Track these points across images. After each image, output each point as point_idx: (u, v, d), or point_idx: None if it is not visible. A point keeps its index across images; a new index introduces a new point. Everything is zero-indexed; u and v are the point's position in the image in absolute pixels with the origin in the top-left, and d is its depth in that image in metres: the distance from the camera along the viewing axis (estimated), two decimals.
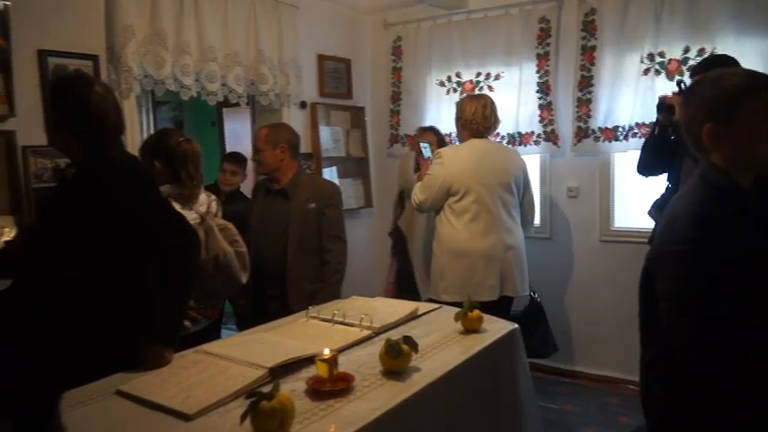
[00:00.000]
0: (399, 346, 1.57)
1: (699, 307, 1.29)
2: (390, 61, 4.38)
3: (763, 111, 1.35)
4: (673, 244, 1.34)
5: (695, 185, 1.43)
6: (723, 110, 1.36)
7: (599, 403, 3.48)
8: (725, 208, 1.34)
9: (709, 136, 1.38)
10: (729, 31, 3.16)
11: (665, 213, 1.47)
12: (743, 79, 1.39)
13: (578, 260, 3.87)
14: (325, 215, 2.75)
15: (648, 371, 1.51)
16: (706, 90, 1.41)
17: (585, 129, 3.65)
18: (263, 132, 2.78)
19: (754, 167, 1.40)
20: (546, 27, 3.74)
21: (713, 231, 1.30)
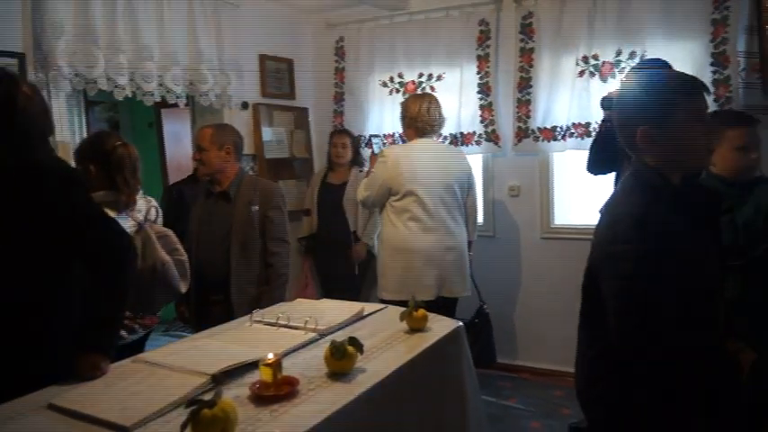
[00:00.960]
0: (344, 347, 1.56)
1: (644, 305, 1.33)
2: (333, 62, 4.36)
3: (694, 114, 1.41)
4: (616, 244, 1.38)
5: (631, 186, 1.47)
6: (657, 112, 1.40)
7: (543, 396, 3.57)
8: (661, 207, 1.39)
9: (643, 138, 1.43)
10: (658, 35, 3.31)
11: (605, 213, 1.52)
12: (677, 82, 1.44)
13: (521, 257, 3.96)
14: (269, 218, 2.70)
15: (592, 367, 1.55)
16: (641, 92, 1.44)
17: (525, 129, 3.75)
18: (208, 132, 2.70)
19: (683, 168, 1.47)
20: (485, 29, 3.81)
21: (654, 231, 1.35)
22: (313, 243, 4.00)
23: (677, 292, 1.33)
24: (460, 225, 3.16)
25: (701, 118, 1.42)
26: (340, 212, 3.81)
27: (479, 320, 3.54)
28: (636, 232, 1.35)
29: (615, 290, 1.39)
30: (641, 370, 1.37)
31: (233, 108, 3.70)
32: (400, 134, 3.91)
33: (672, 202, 1.42)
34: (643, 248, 1.34)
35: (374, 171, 3.14)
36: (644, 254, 1.34)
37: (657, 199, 1.40)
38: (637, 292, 1.34)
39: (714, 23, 3.18)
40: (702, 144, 1.44)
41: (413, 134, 3.15)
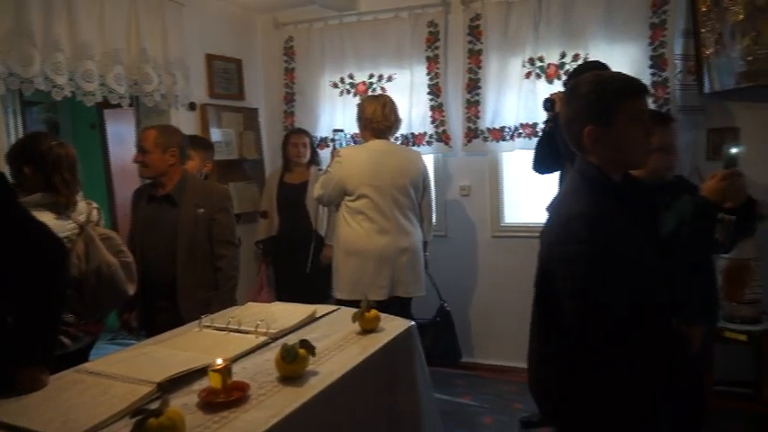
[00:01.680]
0: (295, 350, 1.55)
1: (600, 303, 1.37)
2: (283, 62, 4.32)
3: (636, 115, 1.46)
4: (569, 244, 1.41)
5: (577, 184, 1.51)
6: (603, 112, 1.45)
7: (495, 392, 3.62)
8: (607, 205, 1.44)
9: (589, 137, 1.47)
10: (601, 39, 3.41)
11: (553, 213, 1.55)
12: (620, 84, 1.49)
13: (473, 256, 4.02)
14: (216, 220, 2.64)
15: (545, 362, 1.58)
16: (587, 92, 1.48)
17: (475, 129, 3.80)
18: (153, 134, 2.61)
19: (625, 166, 1.52)
20: (434, 31, 3.85)
21: (604, 229, 1.39)
22: (272, 246, 3.94)
23: (628, 288, 1.38)
24: (415, 226, 3.18)
25: (641, 118, 1.47)
26: (302, 212, 3.79)
27: (441, 319, 3.57)
28: (588, 232, 1.39)
29: (569, 289, 1.42)
30: (600, 366, 1.41)
31: (180, 109, 3.61)
32: (352, 135, 3.92)
33: (615, 199, 1.46)
34: (595, 248, 1.37)
35: (330, 170, 3.15)
36: (595, 253, 1.37)
37: (603, 197, 1.45)
38: (591, 291, 1.38)
39: (652, 27, 3.31)
40: (643, 144, 1.49)
41: (369, 135, 3.16)
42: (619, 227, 1.43)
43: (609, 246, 1.38)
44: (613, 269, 1.38)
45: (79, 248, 2.19)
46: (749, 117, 3.19)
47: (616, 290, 1.38)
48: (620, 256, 1.39)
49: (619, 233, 1.41)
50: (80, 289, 2.18)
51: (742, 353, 3.23)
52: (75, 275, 2.16)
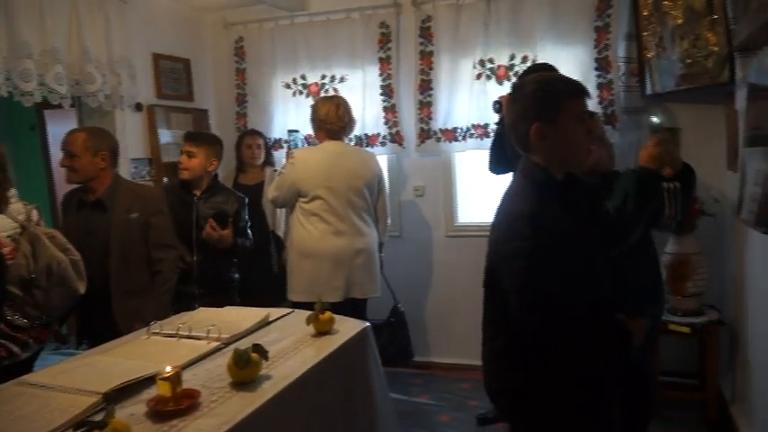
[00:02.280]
0: (248, 355, 1.52)
1: (544, 297, 1.42)
2: (233, 62, 4.25)
3: (579, 115, 1.52)
4: (514, 242, 1.45)
5: (521, 184, 1.56)
6: (549, 110, 1.50)
7: (451, 390, 3.65)
8: (551, 203, 1.48)
9: (536, 134, 1.51)
10: (548, 41, 3.49)
11: (499, 212, 1.59)
12: (565, 84, 1.55)
13: (427, 256, 4.04)
14: (151, 224, 2.56)
15: (498, 360, 1.61)
16: (533, 92, 1.53)
17: (428, 130, 3.83)
18: (81, 137, 2.51)
19: (567, 165, 1.57)
20: (386, 32, 3.86)
21: (548, 227, 1.43)
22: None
23: (572, 283, 1.43)
24: (371, 227, 3.18)
25: (583, 119, 1.53)
26: (257, 213, 3.73)
27: (395, 320, 3.58)
28: (531, 230, 1.43)
29: (515, 286, 1.46)
30: (547, 361, 1.46)
31: (125, 109, 3.50)
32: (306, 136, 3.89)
33: (558, 197, 1.51)
34: (538, 245, 1.42)
35: (284, 172, 3.12)
36: (539, 250, 1.42)
37: (547, 196, 1.49)
38: (535, 287, 1.42)
39: (597, 30, 3.40)
40: (584, 143, 1.55)
41: (323, 136, 3.14)
42: (562, 224, 1.47)
43: (552, 242, 1.42)
44: (557, 265, 1.42)
45: (25, 248, 2.10)
46: (690, 117, 3.31)
47: (560, 285, 1.42)
48: (564, 252, 1.43)
49: (562, 230, 1.46)
50: (30, 290, 2.09)
51: (686, 344, 3.36)
52: (25, 276, 2.07)
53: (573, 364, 1.47)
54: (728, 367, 3.21)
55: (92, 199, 2.54)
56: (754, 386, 2.68)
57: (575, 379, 1.49)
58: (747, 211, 2.32)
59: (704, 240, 3.18)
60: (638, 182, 1.71)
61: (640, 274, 2.09)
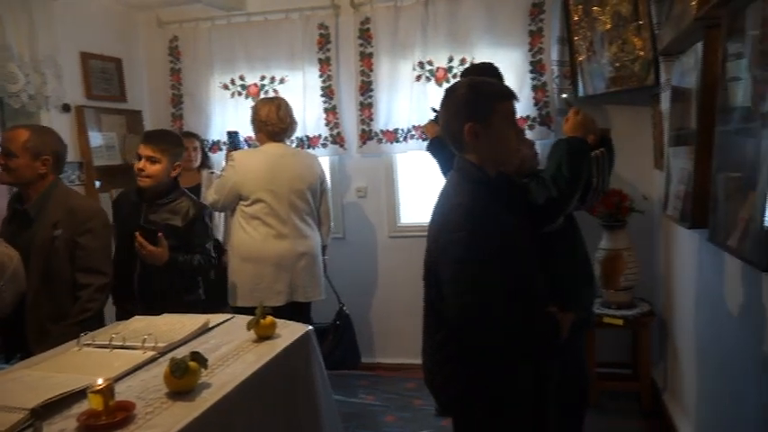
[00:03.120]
0: (185, 363, 1.48)
1: (477, 284, 1.49)
2: (168, 62, 4.13)
3: (508, 117, 1.63)
4: (451, 233, 1.53)
5: (456, 180, 1.64)
6: (481, 111, 1.58)
7: (397, 390, 3.67)
8: (484, 197, 1.57)
9: (470, 133, 1.58)
10: (485, 44, 3.56)
11: (436, 209, 1.66)
12: (495, 88, 1.66)
13: (371, 257, 4.05)
14: (78, 244, 2.26)
15: (438, 352, 1.65)
16: (465, 93, 1.62)
17: (369, 131, 3.83)
18: (23, 136, 2.25)
19: (498, 164, 1.67)
20: (325, 33, 3.84)
21: (482, 218, 1.53)
22: None
23: (505, 273, 1.52)
24: (314, 230, 3.16)
25: (512, 121, 1.64)
26: None
27: (340, 322, 3.56)
28: (466, 220, 1.52)
29: (451, 273, 1.53)
30: (479, 344, 1.54)
31: (51, 110, 3.34)
32: (246, 138, 3.83)
33: (492, 193, 1.61)
34: (473, 235, 1.50)
35: (224, 174, 3.06)
36: (474, 240, 1.50)
37: (481, 191, 1.58)
38: (470, 274, 1.50)
39: (531, 34, 3.50)
40: (514, 143, 1.67)
41: (264, 138, 3.10)
42: (496, 217, 1.56)
43: (487, 233, 1.51)
44: (491, 255, 1.50)
45: None
46: (620, 118, 3.45)
47: (493, 274, 1.50)
48: (498, 244, 1.52)
49: (496, 222, 1.55)
50: None
51: (620, 336, 3.50)
52: None
53: (503, 352, 1.54)
54: (660, 357, 3.36)
55: (23, 207, 2.31)
56: (684, 374, 2.82)
57: (506, 368, 1.57)
58: (673, 208, 2.43)
59: (635, 236, 3.32)
60: (569, 148, 1.84)
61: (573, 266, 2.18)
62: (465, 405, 1.65)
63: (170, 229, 2.50)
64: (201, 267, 2.61)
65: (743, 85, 1.65)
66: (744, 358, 1.93)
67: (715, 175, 1.82)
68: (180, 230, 2.53)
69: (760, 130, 1.48)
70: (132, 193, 2.67)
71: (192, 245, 2.57)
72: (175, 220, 2.55)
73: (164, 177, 2.56)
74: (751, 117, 1.56)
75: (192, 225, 2.57)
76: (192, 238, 2.57)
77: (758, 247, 1.44)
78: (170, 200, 2.59)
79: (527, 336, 1.57)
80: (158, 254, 2.45)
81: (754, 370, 1.81)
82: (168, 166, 2.57)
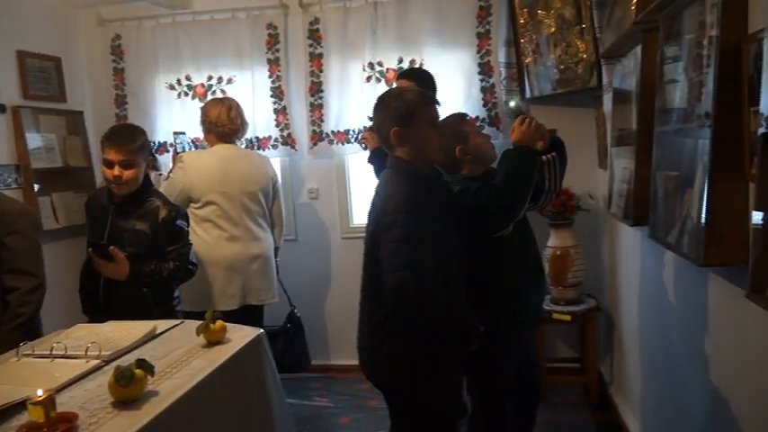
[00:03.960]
0: (131, 371, 1.43)
1: (411, 261, 1.69)
2: (110, 61, 4.00)
3: (430, 121, 1.85)
4: (389, 215, 1.75)
5: (391, 175, 1.86)
6: (404, 117, 1.82)
7: (351, 391, 3.66)
8: (415, 187, 1.80)
9: (396, 136, 1.83)
10: (434, 46, 3.60)
11: (374, 198, 1.89)
12: (417, 96, 1.87)
13: (324, 258, 4.03)
14: (4, 245, 2.15)
15: (377, 332, 1.85)
16: (392, 102, 1.86)
17: (320, 132, 3.81)
18: None
19: (425, 161, 1.88)
20: (274, 33, 3.80)
21: (416, 204, 1.75)
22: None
23: (436, 254, 1.75)
24: (266, 232, 3.13)
25: (434, 124, 1.88)
26: None
27: (291, 325, 3.53)
28: (404, 204, 1.74)
29: (388, 251, 1.73)
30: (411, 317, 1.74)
31: None
32: (194, 139, 3.75)
33: (422, 184, 1.83)
34: (408, 217, 1.72)
35: (173, 177, 2.98)
36: (409, 222, 1.72)
37: (412, 182, 1.81)
38: (405, 252, 1.70)
39: (479, 36, 3.55)
40: (437, 144, 1.88)
41: (214, 139, 3.06)
42: (426, 204, 1.78)
43: (419, 217, 1.74)
44: (423, 236, 1.72)
45: None
46: (565, 119, 3.54)
47: (427, 254, 1.71)
48: (428, 227, 1.75)
49: (426, 209, 1.77)
50: None
51: (568, 332, 3.59)
52: None
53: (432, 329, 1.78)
54: (606, 351, 3.47)
55: None
56: (629, 367, 2.92)
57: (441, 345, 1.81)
58: (616, 206, 2.52)
59: (581, 234, 3.42)
60: (516, 155, 2.02)
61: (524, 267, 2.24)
62: (401, 382, 1.84)
63: (137, 235, 2.34)
64: (174, 276, 2.40)
65: (680, 87, 1.72)
66: (684, 350, 2.01)
67: (655, 174, 1.89)
68: (149, 237, 2.35)
69: (696, 130, 1.55)
70: (102, 195, 2.49)
71: (162, 252, 2.37)
72: (143, 226, 2.36)
73: (141, 179, 2.39)
74: (688, 118, 1.63)
75: (161, 229, 2.37)
76: (162, 245, 2.37)
77: (695, 244, 1.50)
78: (141, 202, 2.39)
79: (451, 317, 1.80)
80: (116, 270, 2.29)
81: (695, 361, 1.89)
82: (143, 167, 2.40)
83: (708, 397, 1.78)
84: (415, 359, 1.79)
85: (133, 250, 2.31)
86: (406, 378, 1.83)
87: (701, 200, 1.46)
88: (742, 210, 1.37)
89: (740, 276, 1.31)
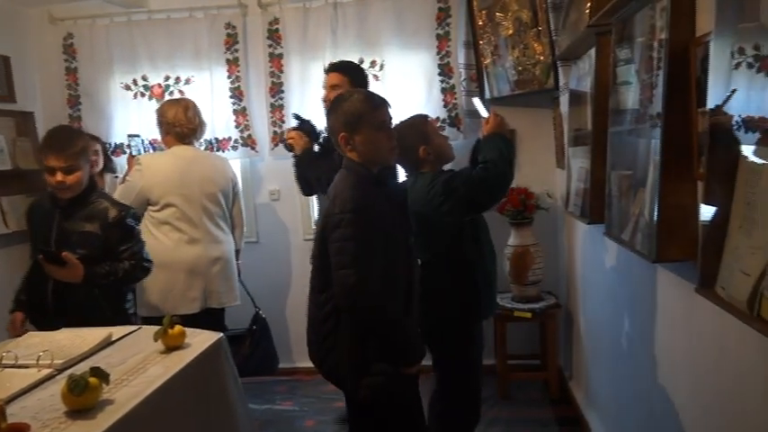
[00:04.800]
0: (85, 380, 1.39)
1: (358, 259, 1.73)
2: (63, 61, 3.88)
3: (377, 124, 1.86)
4: (337, 214, 1.78)
5: (344, 175, 1.89)
6: (351, 122, 1.85)
7: (316, 394, 3.63)
8: (367, 187, 1.84)
9: (343, 141, 1.87)
10: (394, 47, 3.61)
11: (328, 196, 1.92)
12: (364, 100, 1.89)
13: (286, 260, 3.99)
14: None
15: (324, 325, 1.87)
16: (342, 106, 1.88)
17: (281, 133, 3.77)
18: None
19: (375, 163, 1.90)
20: (233, 33, 3.75)
21: (362, 203, 1.78)
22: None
23: (383, 252, 1.78)
24: (227, 234, 3.09)
25: (384, 126, 1.88)
26: None
27: (257, 327, 3.49)
28: (351, 204, 1.77)
29: (336, 249, 1.77)
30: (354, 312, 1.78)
31: None
32: (151, 141, 3.67)
33: (375, 186, 1.87)
34: (355, 216, 1.76)
35: (129, 179, 2.91)
36: (357, 220, 1.75)
37: (363, 182, 1.85)
38: (351, 249, 1.74)
39: (438, 38, 3.58)
40: (386, 146, 1.89)
41: (172, 141, 2.99)
42: (374, 205, 1.81)
43: (367, 216, 1.77)
44: (372, 234, 1.76)
45: None
46: (524, 120, 3.60)
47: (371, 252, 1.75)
48: (379, 226, 1.79)
49: (374, 208, 1.80)
50: None
51: (529, 329, 3.65)
52: None
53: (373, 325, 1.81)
54: (566, 347, 3.54)
55: None
56: (588, 362, 2.99)
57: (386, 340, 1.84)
58: (573, 205, 2.57)
59: (540, 232, 3.48)
60: (499, 138, 2.19)
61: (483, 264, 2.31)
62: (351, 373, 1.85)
63: (87, 237, 2.28)
64: (131, 275, 2.34)
65: (633, 89, 1.77)
66: (639, 344, 2.07)
67: (609, 173, 1.94)
68: (99, 237, 2.29)
69: (648, 130, 1.59)
70: (45, 199, 2.43)
71: (115, 252, 2.31)
72: (93, 227, 2.29)
73: (85, 182, 2.32)
74: (640, 118, 1.68)
75: (112, 229, 2.31)
76: (114, 245, 2.31)
77: (647, 241, 1.55)
78: (86, 204, 2.33)
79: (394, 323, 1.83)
80: (70, 274, 2.20)
81: (649, 354, 1.94)
82: (87, 169, 2.33)
83: (662, 388, 1.84)
84: (356, 351, 1.83)
85: (84, 252, 2.25)
86: (349, 368, 1.86)
87: (652, 198, 1.51)
88: (691, 207, 1.42)
89: (691, 272, 1.35)
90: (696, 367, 1.58)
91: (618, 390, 2.40)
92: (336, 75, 2.80)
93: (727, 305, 1.12)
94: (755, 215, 1.05)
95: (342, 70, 2.83)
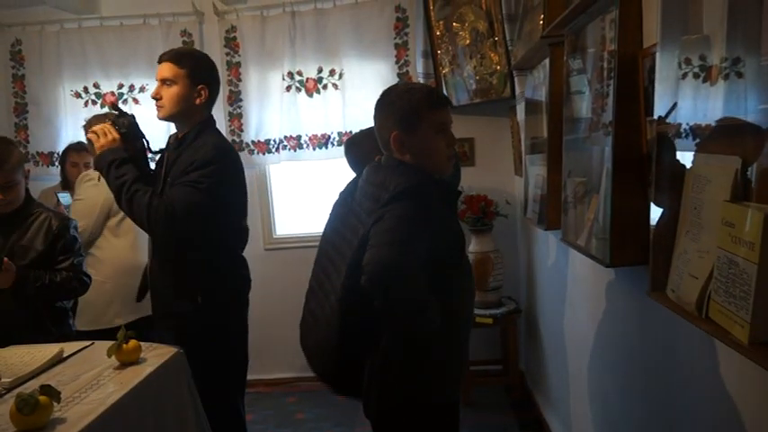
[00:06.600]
0: (34, 398, 1.34)
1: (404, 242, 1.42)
2: (9, 68, 3.76)
3: (436, 126, 1.58)
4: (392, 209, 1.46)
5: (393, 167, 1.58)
6: (408, 120, 1.56)
7: (277, 406, 3.59)
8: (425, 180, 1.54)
9: (395, 142, 1.57)
10: (353, 56, 3.62)
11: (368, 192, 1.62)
12: (425, 96, 1.59)
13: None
14: None
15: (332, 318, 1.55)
16: (395, 101, 1.59)
17: (240, 142, 3.74)
18: None
19: (430, 171, 1.59)
20: (189, 40, 3.70)
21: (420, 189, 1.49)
22: None
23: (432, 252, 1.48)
24: None
25: (443, 129, 1.59)
26: None
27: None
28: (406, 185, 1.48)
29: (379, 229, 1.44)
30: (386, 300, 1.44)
31: None
32: None
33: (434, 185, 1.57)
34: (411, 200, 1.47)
35: (85, 196, 2.80)
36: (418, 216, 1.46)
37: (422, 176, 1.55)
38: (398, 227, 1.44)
39: (397, 47, 3.61)
40: (444, 153, 1.61)
41: None
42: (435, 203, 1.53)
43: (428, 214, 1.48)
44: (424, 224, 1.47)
45: None
46: (483, 128, 3.66)
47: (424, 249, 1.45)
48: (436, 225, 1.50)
49: (435, 208, 1.53)
50: None
51: (490, 334, 3.69)
52: None
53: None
54: (527, 351, 3.59)
55: None
56: (548, 365, 3.03)
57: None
58: (531, 211, 2.62)
59: (500, 239, 3.52)
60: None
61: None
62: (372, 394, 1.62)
63: (28, 250, 2.18)
64: (65, 286, 2.22)
65: (585, 98, 1.82)
66: (596, 347, 2.11)
67: (565, 180, 1.98)
68: (41, 250, 2.20)
69: (602, 138, 1.64)
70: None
71: (54, 262, 2.22)
72: (36, 238, 2.20)
73: (23, 194, 2.22)
74: (593, 127, 1.72)
75: (56, 240, 2.22)
76: (55, 255, 2.22)
77: (602, 246, 1.58)
78: (26, 216, 2.23)
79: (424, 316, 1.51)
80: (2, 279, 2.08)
81: (605, 357, 1.98)
82: (23, 184, 2.22)
83: (619, 389, 1.88)
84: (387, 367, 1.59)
85: (25, 263, 2.16)
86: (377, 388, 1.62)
87: (605, 204, 1.55)
88: (643, 213, 1.45)
89: (643, 275, 1.39)
90: (648, 368, 1.62)
91: (577, 392, 2.44)
92: (169, 66, 2.24)
93: (676, 307, 1.15)
94: (702, 220, 1.09)
95: (175, 60, 2.23)
